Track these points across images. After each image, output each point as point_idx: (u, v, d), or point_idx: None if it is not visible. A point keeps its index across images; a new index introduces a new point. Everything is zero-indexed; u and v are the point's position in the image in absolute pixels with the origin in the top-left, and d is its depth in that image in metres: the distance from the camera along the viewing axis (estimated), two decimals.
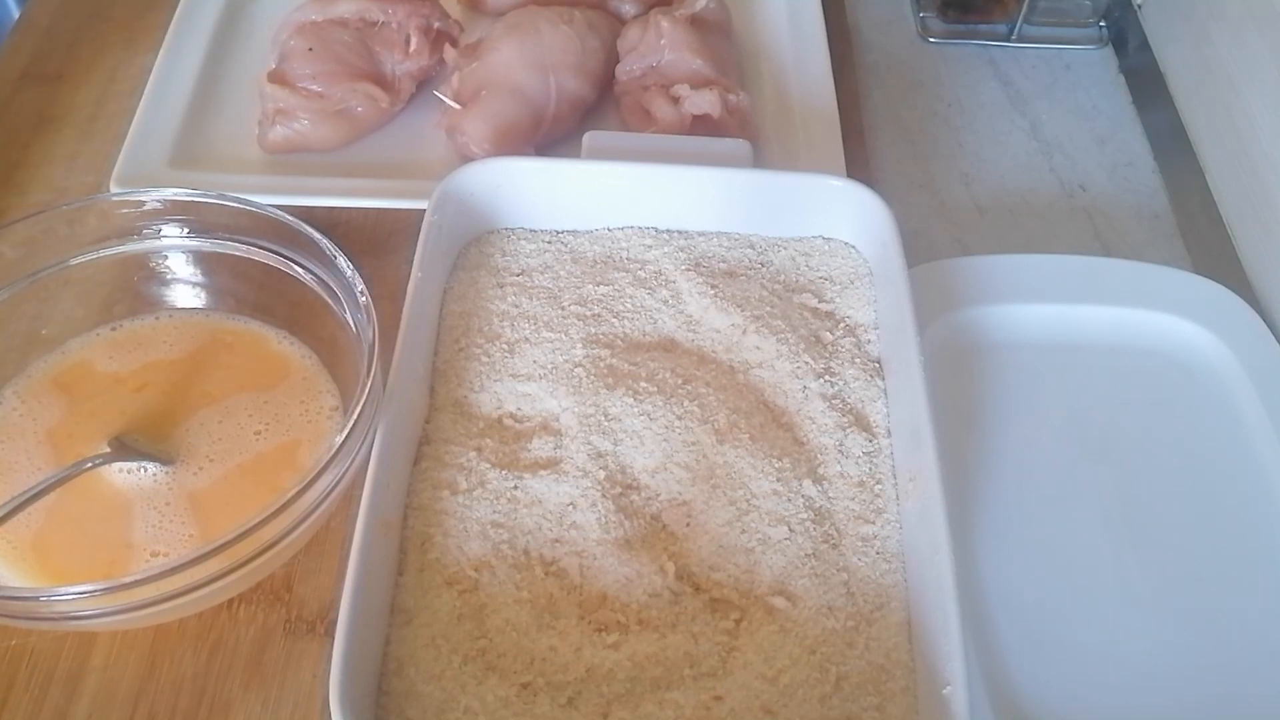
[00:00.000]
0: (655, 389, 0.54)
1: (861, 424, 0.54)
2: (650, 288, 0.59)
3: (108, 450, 0.52)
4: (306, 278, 0.56)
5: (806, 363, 0.55)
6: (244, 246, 0.57)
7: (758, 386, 0.55)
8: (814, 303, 0.59)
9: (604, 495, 0.50)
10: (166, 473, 0.52)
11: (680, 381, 0.54)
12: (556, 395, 0.54)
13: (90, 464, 0.51)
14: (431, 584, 0.48)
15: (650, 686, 0.46)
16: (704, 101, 0.67)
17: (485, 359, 0.55)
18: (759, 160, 0.67)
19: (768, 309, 0.58)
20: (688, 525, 0.50)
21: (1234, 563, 0.55)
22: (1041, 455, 0.59)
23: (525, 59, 0.68)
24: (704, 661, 0.46)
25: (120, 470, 0.52)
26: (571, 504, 0.50)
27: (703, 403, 0.53)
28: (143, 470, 0.52)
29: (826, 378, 0.55)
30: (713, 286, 0.58)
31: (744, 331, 0.57)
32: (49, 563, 0.50)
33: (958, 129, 0.79)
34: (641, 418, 0.53)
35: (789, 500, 0.51)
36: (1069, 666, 0.51)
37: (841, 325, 0.58)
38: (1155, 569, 0.55)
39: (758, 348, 0.56)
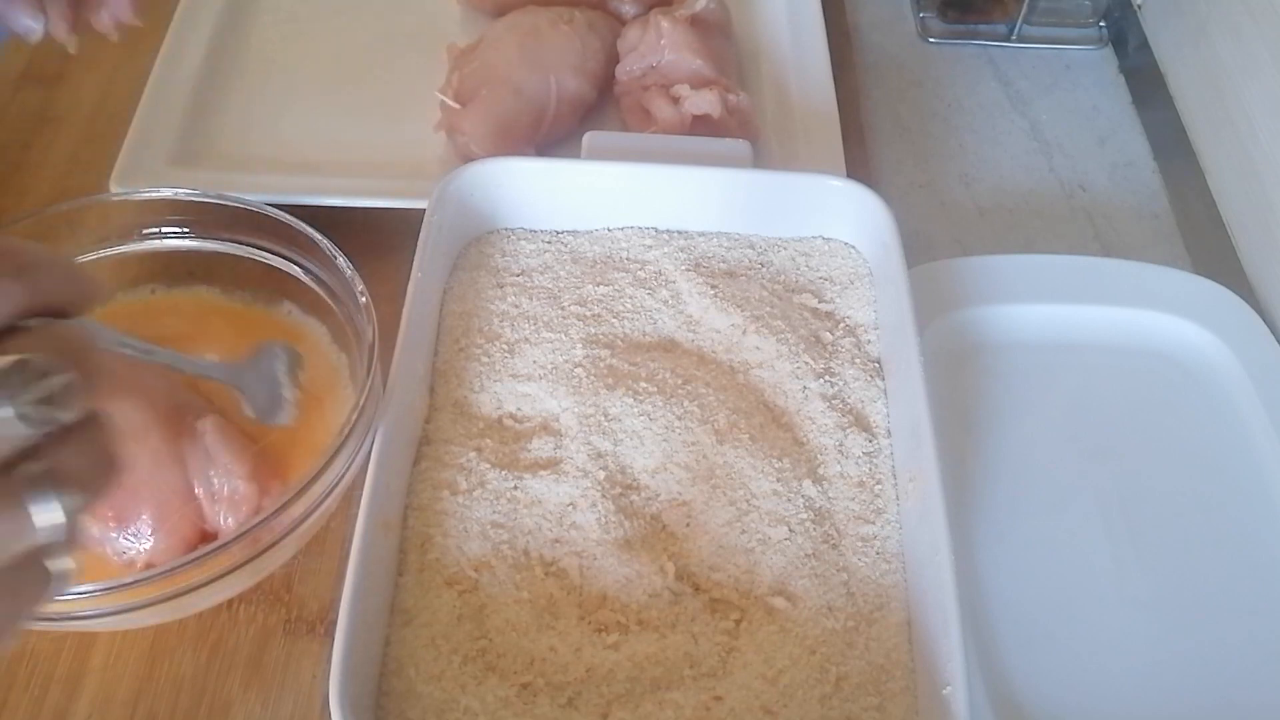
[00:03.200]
0: (655, 389, 0.54)
1: (861, 424, 0.54)
2: (650, 288, 0.59)
3: None
4: (306, 278, 0.56)
5: (806, 363, 0.55)
6: (244, 246, 0.57)
7: (758, 387, 0.55)
8: (814, 303, 0.59)
9: (604, 495, 0.50)
10: None
11: (680, 382, 0.54)
12: (556, 395, 0.54)
13: None
14: (431, 584, 0.48)
15: (650, 687, 0.46)
16: (704, 101, 0.67)
17: (485, 359, 0.55)
18: (759, 160, 0.67)
19: (768, 309, 0.58)
20: (688, 525, 0.50)
21: (1233, 563, 0.55)
22: (1041, 455, 0.59)
23: (525, 59, 0.68)
24: (704, 662, 0.46)
25: None
26: (571, 504, 0.50)
27: (703, 403, 0.53)
28: None
29: (826, 378, 0.55)
30: (713, 287, 0.58)
31: (744, 332, 0.57)
32: None
33: (957, 129, 0.79)
34: (641, 418, 0.52)
35: (789, 500, 0.51)
36: (1069, 666, 0.51)
37: (841, 325, 0.58)
38: (1155, 569, 0.55)
39: (758, 348, 0.56)
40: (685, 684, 0.46)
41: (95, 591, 0.42)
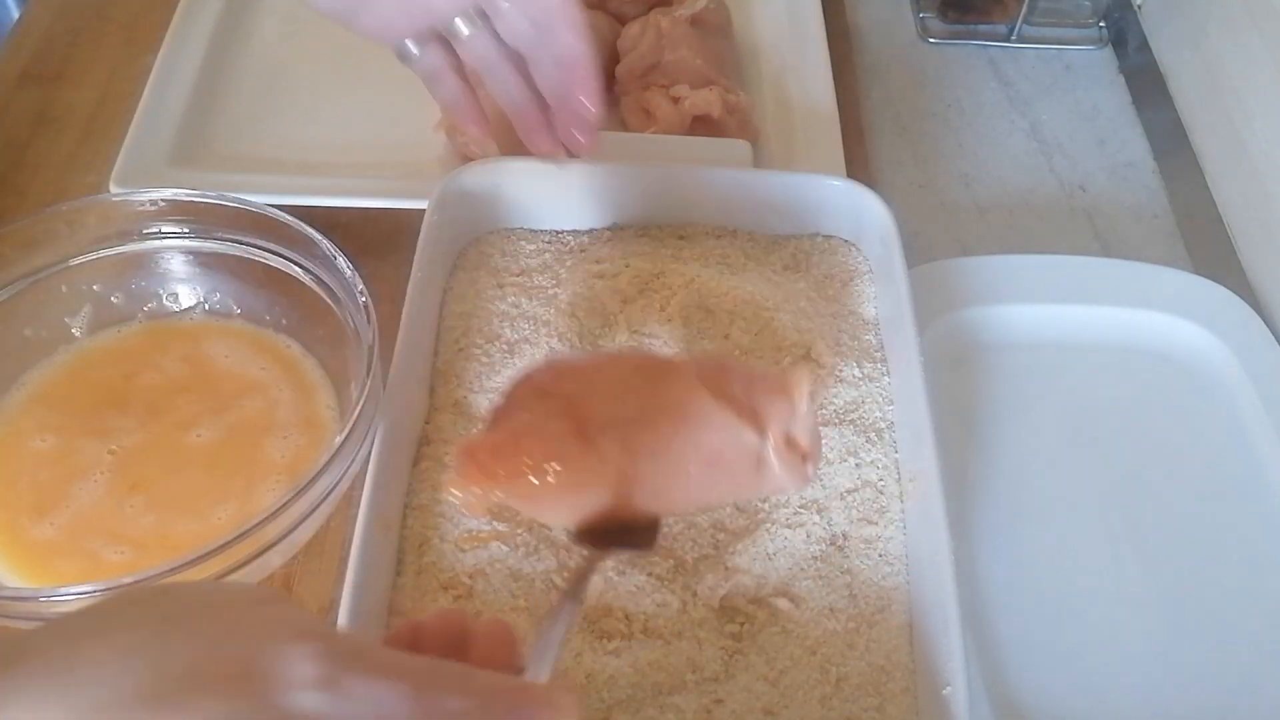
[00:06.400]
0: None
1: (862, 424, 0.54)
2: (650, 287, 0.59)
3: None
4: (306, 278, 0.56)
5: (806, 361, 0.55)
6: (244, 246, 0.57)
7: None
8: (815, 302, 0.59)
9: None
10: None
11: None
12: None
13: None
14: (427, 588, 0.48)
15: (652, 692, 0.45)
16: (704, 101, 0.67)
17: (485, 359, 0.55)
18: (759, 160, 0.67)
19: (768, 308, 0.57)
20: (691, 529, 0.50)
21: (1233, 563, 0.55)
22: (1041, 455, 0.59)
23: None
24: (707, 666, 0.46)
25: None
26: None
27: None
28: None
29: (826, 378, 0.55)
30: (712, 285, 0.58)
31: (744, 331, 0.57)
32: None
33: (958, 129, 0.79)
34: None
35: (792, 502, 0.51)
36: (1069, 666, 0.51)
37: (842, 324, 0.58)
38: (1155, 569, 0.55)
39: (757, 347, 0.56)
40: (688, 689, 0.46)
41: (95, 592, 0.42)
